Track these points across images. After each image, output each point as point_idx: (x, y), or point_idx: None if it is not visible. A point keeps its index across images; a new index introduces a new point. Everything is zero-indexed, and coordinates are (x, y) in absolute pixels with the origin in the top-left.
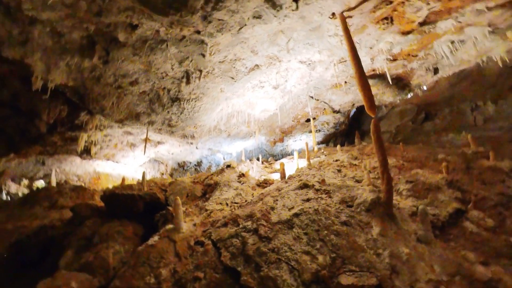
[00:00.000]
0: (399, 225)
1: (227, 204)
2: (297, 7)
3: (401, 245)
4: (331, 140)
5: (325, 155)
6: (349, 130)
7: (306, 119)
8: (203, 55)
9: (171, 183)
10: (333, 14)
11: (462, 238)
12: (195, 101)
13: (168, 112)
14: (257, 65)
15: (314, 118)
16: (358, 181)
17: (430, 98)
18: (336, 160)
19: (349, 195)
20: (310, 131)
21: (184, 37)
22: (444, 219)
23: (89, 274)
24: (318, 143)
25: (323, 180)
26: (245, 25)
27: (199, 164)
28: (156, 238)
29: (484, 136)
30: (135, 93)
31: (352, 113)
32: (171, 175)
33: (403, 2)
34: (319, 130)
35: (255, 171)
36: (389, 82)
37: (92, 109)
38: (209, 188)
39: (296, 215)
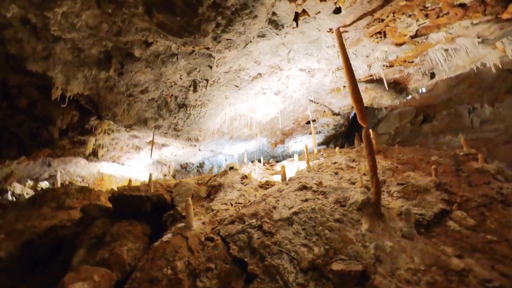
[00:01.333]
0: (387, 222)
1: (231, 204)
2: (297, 25)
3: (386, 239)
4: (331, 141)
5: (324, 157)
6: (350, 131)
7: (306, 121)
8: (210, 67)
9: (176, 184)
10: (331, 29)
11: (443, 235)
12: (201, 107)
13: (175, 117)
14: (259, 74)
15: (314, 121)
16: (353, 183)
17: (429, 100)
18: (334, 163)
19: (343, 196)
20: (311, 133)
21: (193, 51)
22: (429, 218)
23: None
24: (319, 144)
25: (320, 183)
26: (250, 42)
27: (201, 165)
28: (169, 235)
29: (480, 138)
30: (144, 100)
31: (352, 115)
32: (174, 176)
33: (394, 20)
34: (320, 132)
35: (257, 172)
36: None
37: (105, 115)
38: (213, 190)
39: (296, 213)
